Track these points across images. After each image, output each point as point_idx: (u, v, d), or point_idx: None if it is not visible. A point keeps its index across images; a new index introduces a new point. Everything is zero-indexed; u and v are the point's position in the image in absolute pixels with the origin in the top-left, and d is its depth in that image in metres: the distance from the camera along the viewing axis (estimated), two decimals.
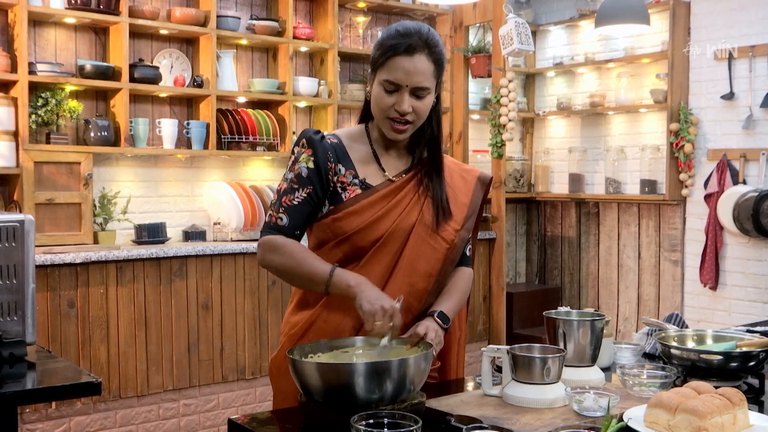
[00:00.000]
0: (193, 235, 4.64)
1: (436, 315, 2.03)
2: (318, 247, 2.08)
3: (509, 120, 5.38)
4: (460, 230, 2.10)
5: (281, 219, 2.03)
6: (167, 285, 4.16)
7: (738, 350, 2.00)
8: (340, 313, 2.01)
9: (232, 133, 4.72)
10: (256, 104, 5.00)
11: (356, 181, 2.04)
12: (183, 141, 4.68)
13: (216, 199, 4.74)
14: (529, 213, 6.61)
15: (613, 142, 5.91)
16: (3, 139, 3.99)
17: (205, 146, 4.64)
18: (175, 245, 4.35)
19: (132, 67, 4.39)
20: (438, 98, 2.08)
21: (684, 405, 1.65)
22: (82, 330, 3.89)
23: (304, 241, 2.12)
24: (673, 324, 2.47)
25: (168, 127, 4.53)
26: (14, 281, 2.33)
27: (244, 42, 4.89)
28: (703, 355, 1.98)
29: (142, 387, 4.09)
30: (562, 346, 2.00)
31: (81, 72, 4.27)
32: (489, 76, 5.59)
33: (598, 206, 6.05)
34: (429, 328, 1.95)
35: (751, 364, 1.99)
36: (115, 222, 4.44)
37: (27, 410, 3.74)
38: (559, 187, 6.29)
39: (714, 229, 5.22)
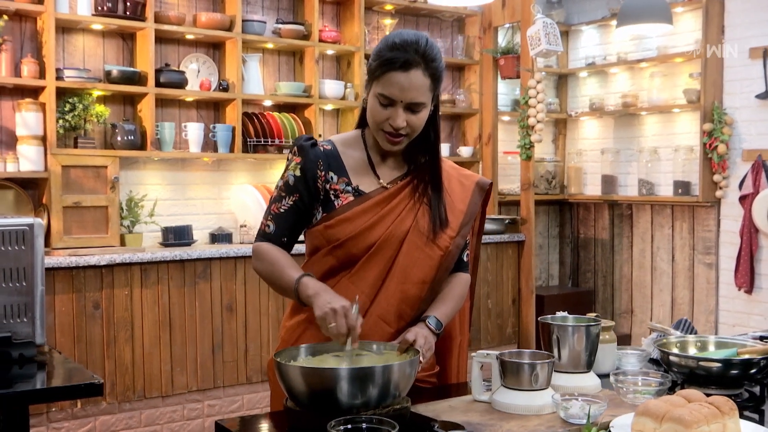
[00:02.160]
0: (219, 237, 4.69)
1: (427, 321, 2.01)
2: (312, 253, 2.08)
3: (538, 121, 5.33)
4: (455, 237, 2.07)
5: (269, 227, 2.05)
6: (191, 287, 4.21)
7: (738, 358, 1.95)
8: None
9: (258, 137, 4.76)
10: (282, 107, 5.03)
11: (349, 188, 2.02)
12: (210, 144, 4.73)
13: (242, 202, 4.79)
14: (561, 215, 6.53)
15: (646, 143, 5.81)
16: (31, 143, 4.08)
17: (231, 149, 4.69)
18: (200, 248, 4.40)
19: (158, 71, 4.45)
20: (436, 106, 2.06)
21: (670, 413, 1.61)
22: (107, 331, 3.96)
23: (301, 247, 2.13)
24: (681, 330, 2.42)
25: (194, 131, 4.58)
26: (23, 284, 2.38)
27: (270, 46, 4.93)
28: (702, 363, 1.94)
29: (167, 387, 4.14)
30: (556, 352, 1.97)
31: (108, 77, 4.35)
32: (518, 77, 5.55)
33: (632, 208, 5.96)
34: (418, 334, 1.94)
35: (752, 371, 1.94)
36: (143, 225, 4.50)
37: (53, 409, 3.82)
38: (592, 189, 6.21)
39: (749, 232, 5.10)
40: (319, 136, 5.05)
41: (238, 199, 4.84)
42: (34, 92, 4.20)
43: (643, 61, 5.66)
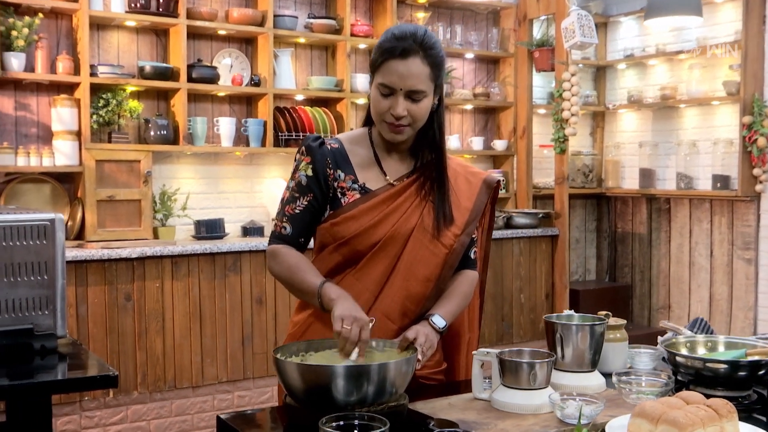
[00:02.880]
0: (251, 230, 4.74)
1: (431, 319, 2.01)
2: (320, 250, 2.10)
3: (572, 114, 5.27)
4: (460, 235, 2.08)
5: (285, 228, 2.06)
6: (222, 279, 4.27)
7: (746, 359, 1.92)
8: None
9: (290, 131, 4.80)
10: (314, 102, 5.06)
11: (355, 186, 2.04)
12: (242, 139, 4.78)
13: (274, 196, 4.83)
14: (599, 209, 6.46)
15: (685, 135, 5.71)
16: (66, 138, 4.18)
17: (263, 144, 4.73)
18: (231, 241, 4.45)
19: (190, 67, 4.51)
20: (440, 100, 2.06)
21: (666, 416, 1.59)
22: (139, 322, 4.04)
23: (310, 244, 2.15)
24: (697, 330, 2.38)
25: (226, 126, 4.64)
26: (45, 277, 2.44)
27: (302, 40, 4.96)
28: (708, 364, 1.91)
29: (197, 378, 4.21)
30: (559, 350, 1.96)
31: (141, 73, 4.42)
32: (552, 69, 5.49)
33: (670, 202, 5.86)
34: (419, 332, 1.94)
35: (761, 373, 1.90)
36: (175, 218, 4.58)
37: (86, 398, 3.91)
38: (630, 183, 6.12)
39: None
40: (351, 129, 5.06)
41: (270, 192, 4.89)
42: (69, 88, 4.29)
43: (681, 53, 5.55)
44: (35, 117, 4.28)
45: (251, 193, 4.93)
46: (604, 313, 2.27)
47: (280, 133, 4.79)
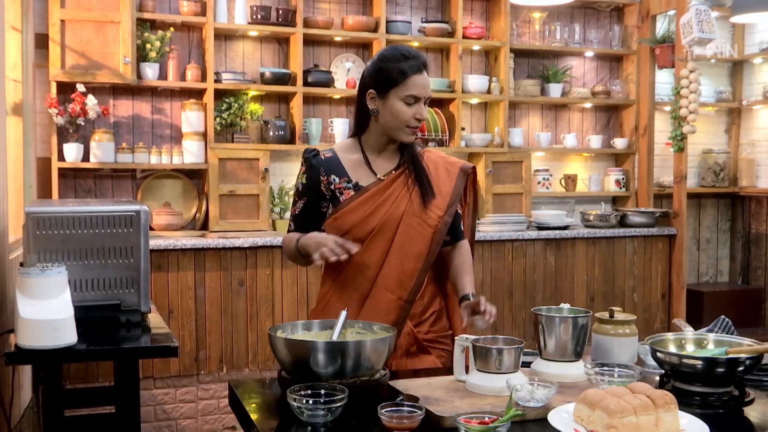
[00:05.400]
0: None
1: (469, 296, 2.35)
2: None
3: (690, 112, 5.16)
4: (443, 216, 2.42)
5: (290, 226, 2.53)
6: None
7: (723, 356, 1.96)
8: (350, 290, 2.41)
9: None
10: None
11: (350, 185, 2.42)
12: None
13: None
14: (733, 208, 6.23)
15: None
16: (194, 139, 4.66)
17: None
18: None
19: (306, 72, 4.87)
20: None
21: (601, 402, 1.71)
22: (250, 306, 4.44)
23: None
24: (719, 329, 2.40)
25: (339, 126, 4.96)
26: (131, 260, 2.83)
27: (415, 44, 5.20)
28: (685, 360, 1.97)
29: None
30: (542, 341, 2.09)
31: (262, 78, 4.83)
32: (673, 66, 5.39)
33: None
34: (480, 300, 2.25)
35: (740, 369, 1.94)
36: None
37: (202, 372, 4.36)
38: (765, 182, 5.88)
39: None
40: (462, 129, 5.24)
41: None
42: (198, 94, 4.78)
43: None
44: (169, 120, 4.80)
45: None
46: (617, 309, 2.37)
47: None
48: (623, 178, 5.72)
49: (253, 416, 1.87)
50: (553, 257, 5.07)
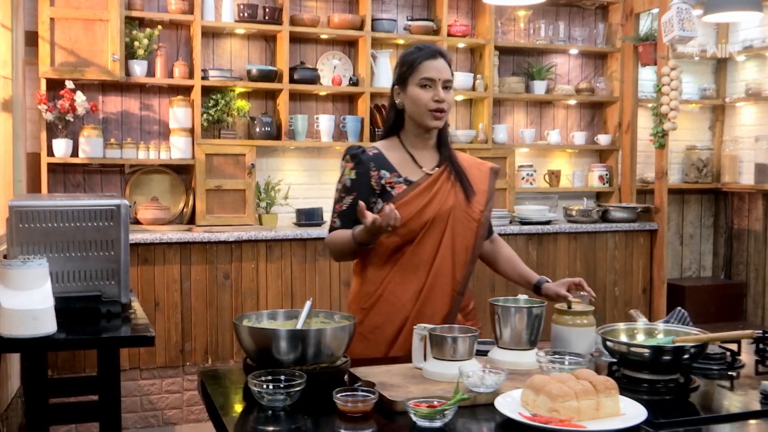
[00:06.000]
0: None
1: (544, 283, 2.60)
2: None
3: (671, 109, 5.24)
4: (484, 211, 2.57)
5: (335, 222, 2.54)
6: (312, 263, 4.68)
7: (669, 345, 2.05)
8: (407, 283, 2.50)
9: None
10: None
11: (400, 179, 2.50)
12: (342, 134, 5.18)
13: None
14: (716, 204, 6.32)
15: None
16: (181, 135, 4.75)
17: (360, 139, 5.11)
18: (325, 228, 4.85)
19: (292, 69, 4.96)
20: None
21: (545, 387, 1.80)
22: (235, 299, 4.53)
23: None
24: (675, 320, 2.49)
25: (325, 122, 5.05)
26: (111, 253, 2.92)
27: (401, 42, 5.28)
28: (633, 348, 2.06)
29: None
30: (498, 330, 2.18)
31: (249, 75, 4.92)
32: (655, 63, 5.47)
33: None
34: (581, 281, 2.49)
35: (685, 357, 2.03)
36: (279, 206, 5.05)
37: (188, 363, 4.45)
38: (747, 178, 5.96)
39: None
40: (447, 125, 5.32)
41: None
42: (186, 90, 4.86)
43: None
44: (156, 116, 4.89)
45: None
46: (575, 300, 2.46)
47: (377, 129, 5.14)
48: (607, 174, 5.81)
49: (217, 402, 1.96)
50: (535, 252, 5.16)
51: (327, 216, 5.13)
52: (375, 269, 2.53)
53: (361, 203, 2.32)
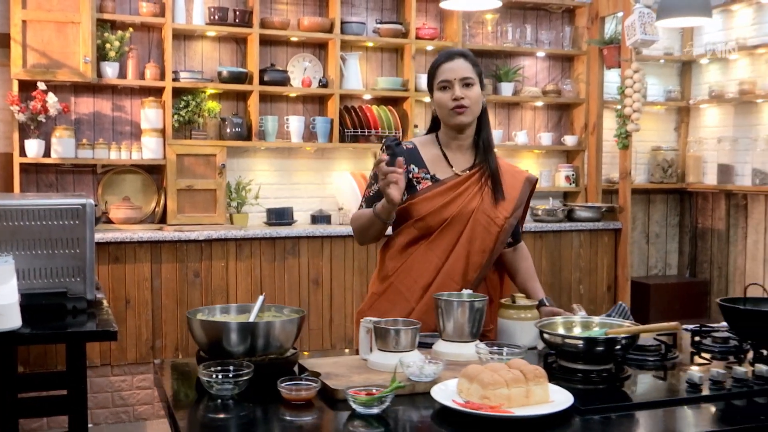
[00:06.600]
0: (319, 218, 5.22)
1: (543, 300, 2.62)
2: (399, 225, 2.65)
3: (634, 111, 5.37)
4: (509, 218, 2.63)
5: (362, 206, 2.69)
6: (281, 262, 4.77)
7: (602, 336, 2.16)
8: (415, 277, 2.61)
9: (355, 128, 5.24)
10: (382, 101, 5.47)
11: (427, 176, 2.62)
12: (312, 135, 5.27)
13: (340, 188, 5.29)
14: (681, 204, 6.46)
15: (764, 131, 5.64)
16: (152, 135, 4.83)
17: (329, 140, 5.20)
18: (297, 228, 4.95)
19: (262, 71, 5.05)
20: (484, 110, 2.65)
21: (478, 376, 1.90)
22: (205, 297, 4.62)
23: None
24: (616, 314, 2.60)
25: (295, 123, 5.14)
26: (77, 251, 3.00)
27: (370, 44, 5.38)
28: (567, 340, 2.17)
29: None
30: (441, 323, 2.28)
31: (219, 77, 5.00)
32: (619, 66, 5.60)
33: (746, 198, 5.80)
34: (553, 310, 2.52)
35: (617, 348, 2.14)
36: (249, 206, 5.14)
37: (157, 360, 4.52)
38: (711, 178, 6.10)
39: None
40: (415, 126, 5.43)
41: (337, 184, 5.35)
42: (158, 92, 4.94)
43: (761, 47, 5.50)
44: (128, 117, 4.97)
45: (322, 184, 5.41)
46: (519, 295, 2.58)
47: (346, 130, 5.24)
48: (573, 174, 5.93)
49: (169, 392, 2.05)
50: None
51: (297, 215, 5.23)
52: (391, 258, 2.67)
53: (400, 159, 2.42)
